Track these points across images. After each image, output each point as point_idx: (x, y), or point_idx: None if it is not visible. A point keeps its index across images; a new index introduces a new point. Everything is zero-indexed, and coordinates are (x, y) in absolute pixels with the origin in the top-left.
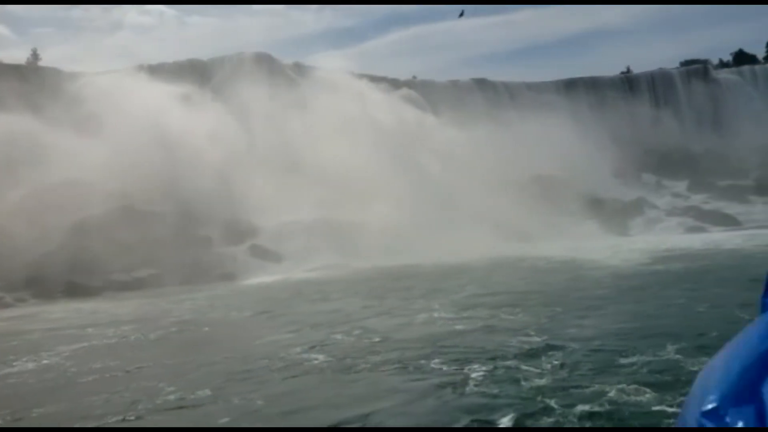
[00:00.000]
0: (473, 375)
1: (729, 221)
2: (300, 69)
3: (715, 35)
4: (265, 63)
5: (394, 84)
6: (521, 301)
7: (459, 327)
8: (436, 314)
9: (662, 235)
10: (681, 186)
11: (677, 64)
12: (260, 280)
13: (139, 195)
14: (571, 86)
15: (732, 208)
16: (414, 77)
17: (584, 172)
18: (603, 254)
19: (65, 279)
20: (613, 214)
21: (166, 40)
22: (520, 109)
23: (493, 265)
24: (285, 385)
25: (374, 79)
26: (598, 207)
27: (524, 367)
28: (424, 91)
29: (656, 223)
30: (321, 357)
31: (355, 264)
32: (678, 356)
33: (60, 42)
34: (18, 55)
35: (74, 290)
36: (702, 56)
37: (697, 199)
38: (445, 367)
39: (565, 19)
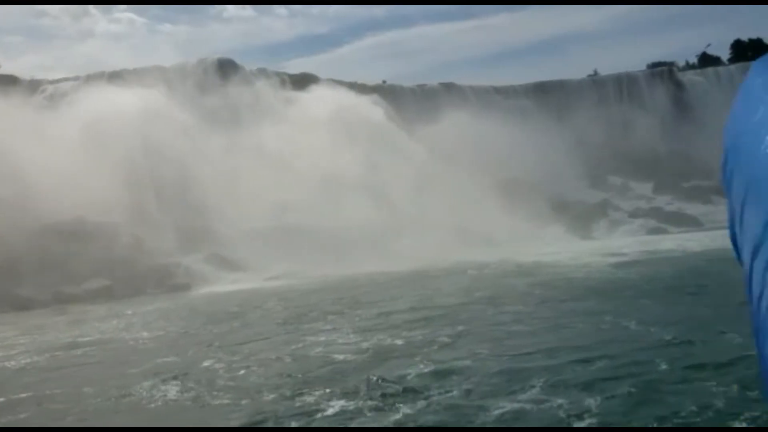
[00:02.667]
0: None
1: (691, 222)
2: (264, 74)
3: (681, 38)
4: (229, 69)
5: (363, 89)
6: (443, 317)
7: (343, 356)
8: (338, 337)
9: (623, 237)
10: (647, 187)
11: (644, 67)
12: (214, 290)
13: (92, 204)
14: (539, 89)
15: (695, 209)
16: (384, 82)
17: (551, 175)
18: (557, 258)
19: (12, 292)
20: (578, 217)
21: (137, 47)
22: (488, 113)
23: (448, 272)
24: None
25: (342, 84)
26: (563, 210)
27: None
28: (391, 96)
29: (619, 225)
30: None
31: (313, 272)
32: (539, 405)
33: (30, 51)
34: None
35: (20, 303)
36: (669, 59)
37: (661, 200)
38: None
39: (537, 22)
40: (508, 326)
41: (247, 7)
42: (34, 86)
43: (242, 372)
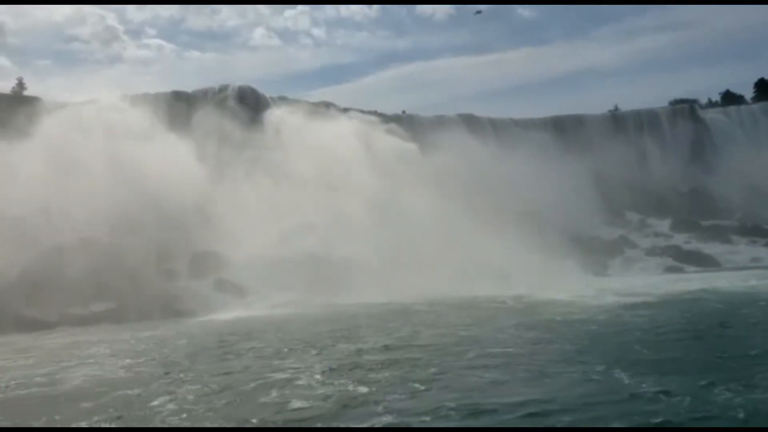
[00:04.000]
0: None
1: (709, 262)
2: (283, 102)
3: (704, 75)
4: (249, 96)
5: (381, 119)
6: (423, 358)
7: (300, 404)
8: (308, 378)
9: (638, 276)
10: (664, 225)
11: (666, 104)
12: (219, 317)
13: (103, 227)
14: (557, 123)
15: (713, 248)
16: (403, 112)
17: (567, 210)
18: (566, 296)
19: (18, 312)
20: (593, 253)
21: (164, 73)
22: (506, 146)
23: (450, 306)
24: None
25: (360, 113)
26: (579, 246)
27: None
28: (409, 126)
29: (635, 262)
30: None
31: (320, 301)
32: None
33: (59, 74)
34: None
35: (24, 324)
36: (692, 96)
37: (679, 238)
38: None
39: (558, 58)
40: (486, 373)
41: (274, 36)
42: (57, 108)
43: (183, 416)
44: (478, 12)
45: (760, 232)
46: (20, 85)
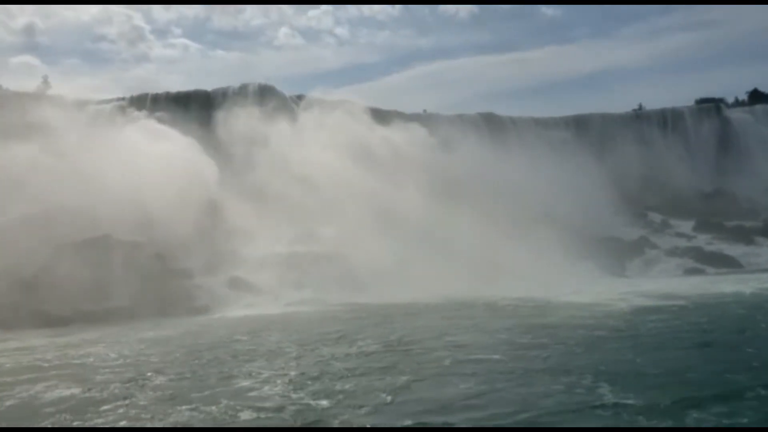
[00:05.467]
0: None
1: (731, 263)
2: (302, 101)
3: (732, 75)
4: (269, 94)
5: (402, 117)
6: (402, 363)
7: (252, 415)
8: (275, 385)
9: (658, 277)
10: (687, 226)
11: (692, 103)
12: (231, 314)
13: (119, 224)
14: (580, 122)
15: (736, 249)
16: (424, 111)
17: (588, 210)
18: (578, 298)
19: (35, 307)
20: (612, 253)
21: (190, 73)
22: (527, 144)
23: (457, 306)
24: None
25: (381, 112)
26: (598, 246)
27: None
28: (430, 125)
29: (655, 263)
30: None
31: (332, 299)
32: None
33: (86, 72)
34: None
35: (40, 319)
36: (719, 95)
37: (701, 239)
38: None
39: (582, 57)
40: (462, 382)
41: (297, 35)
42: (80, 106)
43: (122, 423)
44: None
45: None
46: (45, 83)
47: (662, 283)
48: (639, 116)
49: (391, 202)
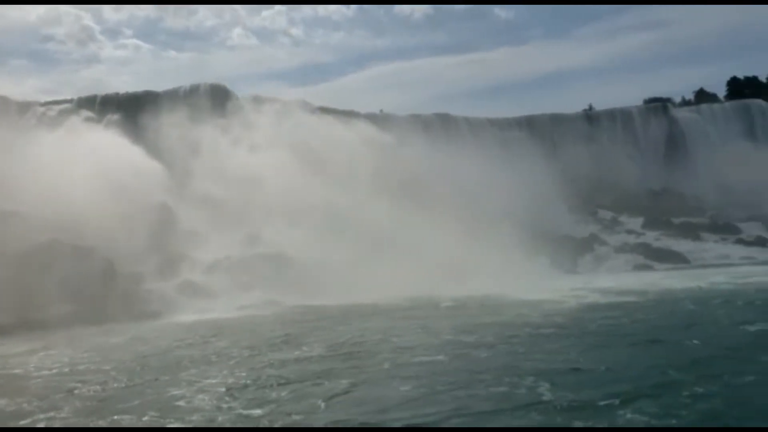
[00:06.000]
0: None
1: (677, 259)
2: (255, 101)
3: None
4: (221, 95)
5: (358, 117)
6: (341, 366)
7: None
8: (209, 395)
9: (607, 273)
10: (636, 223)
11: (641, 103)
12: (185, 319)
13: (66, 230)
14: (533, 122)
15: (683, 245)
16: (381, 111)
17: (540, 208)
18: (529, 295)
19: None
20: (564, 251)
21: (142, 73)
22: (482, 145)
23: (407, 307)
24: None
25: (335, 112)
26: (551, 243)
27: None
28: (386, 124)
29: (605, 260)
30: None
31: (286, 302)
32: None
33: (34, 74)
34: None
35: None
36: (667, 95)
37: (649, 236)
38: None
39: (537, 57)
40: (403, 385)
41: (251, 35)
42: (24, 108)
43: None
44: None
45: (730, 229)
46: None
47: (611, 279)
48: (589, 116)
49: (345, 203)
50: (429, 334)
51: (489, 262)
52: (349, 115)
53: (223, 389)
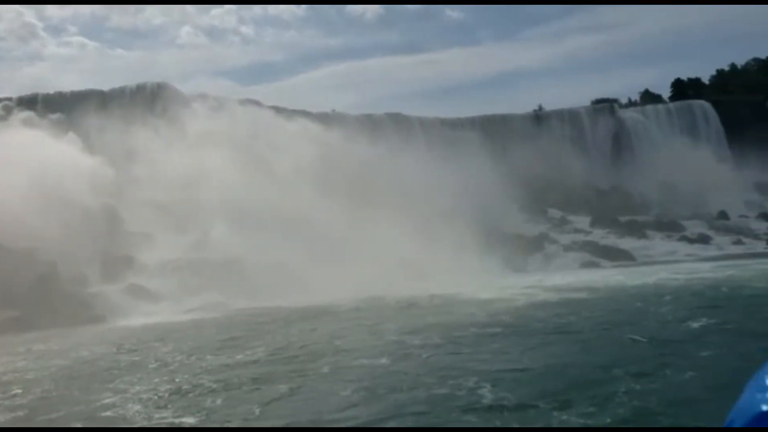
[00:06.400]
0: None
1: (624, 256)
2: (202, 100)
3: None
4: (168, 94)
5: (309, 117)
6: (276, 373)
7: None
8: (138, 404)
9: (556, 271)
10: (585, 221)
11: (589, 103)
12: (131, 323)
13: (7, 232)
14: (484, 123)
15: (629, 243)
16: (333, 110)
17: (492, 208)
18: (478, 294)
19: None
20: (515, 249)
21: (89, 72)
22: (434, 144)
23: (359, 308)
24: None
25: (286, 111)
26: (502, 243)
27: None
28: (337, 124)
29: (554, 258)
30: None
31: (233, 304)
32: None
33: None
34: None
35: None
36: (613, 96)
37: (597, 234)
38: None
39: (488, 58)
40: (344, 388)
41: (201, 34)
42: None
43: None
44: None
45: (675, 227)
46: None
47: (560, 277)
48: (539, 116)
49: (294, 203)
50: (375, 335)
51: (441, 262)
52: (299, 114)
53: (156, 397)
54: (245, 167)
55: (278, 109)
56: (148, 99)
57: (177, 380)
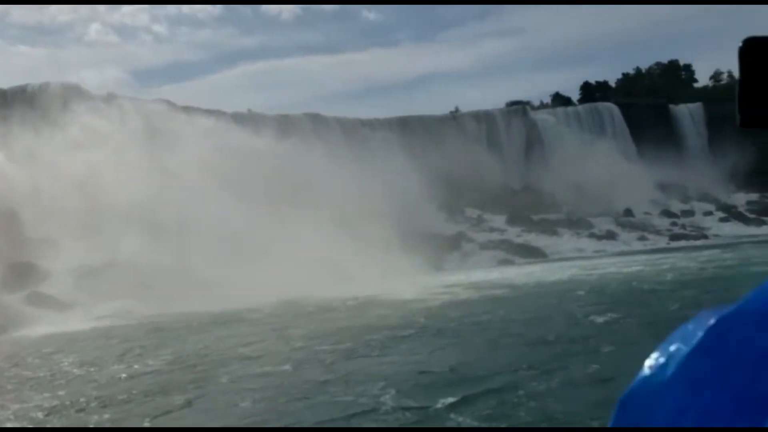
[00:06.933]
0: None
1: (537, 254)
2: (111, 101)
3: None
4: (73, 94)
5: (222, 117)
6: (169, 384)
7: None
8: (22, 421)
9: (472, 269)
10: (500, 220)
11: (503, 105)
12: (31, 333)
13: None
14: (403, 124)
15: (541, 240)
16: (249, 110)
17: (410, 208)
18: (396, 295)
19: None
20: (434, 248)
21: None
22: (354, 145)
23: (272, 313)
24: None
25: (199, 111)
26: (421, 242)
27: None
28: (252, 125)
29: (471, 256)
30: None
31: (145, 311)
32: None
33: None
34: None
35: None
36: (527, 98)
37: (512, 232)
38: None
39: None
40: (243, 399)
41: (111, 32)
42: None
43: None
44: None
45: (584, 224)
46: None
47: (476, 276)
48: (455, 118)
49: (209, 206)
50: (283, 341)
51: (362, 262)
52: (213, 114)
53: (41, 414)
54: (155, 169)
55: (191, 109)
56: (52, 98)
57: (63, 395)
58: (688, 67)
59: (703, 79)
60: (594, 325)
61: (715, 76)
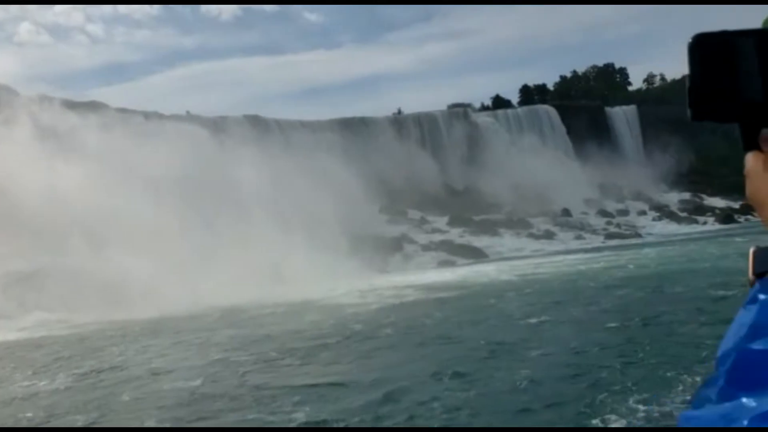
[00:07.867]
0: None
1: (477, 254)
2: (42, 103)
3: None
4: (3, 95)
5: (160, 119)
6: (82, 400)
7: None
8: None
9: (414, 271)
10: (442, 221)
11: (446, 108)
12: None
13: None
14: (345, 125)
15: (482, 241)
16: (187, 112)
17: (352, 211)
18: (337, 299)
19: None
20: (376, 250)
21: None
22: (294, 147)
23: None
24: None
25: (136, 113)
26: (363, 244)
27: None
28: (191, 127)
29: (413, 258)
30: None
31: (76, 319)
32: None
33: None
34: None
35: None
36: (468, 101)
37: (453, 233)
38: None
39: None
40: (149, 418)
41: (43, 31)
42: None
43: None
44: None
45: (523, 224)
46: None
47: (417, 277)
48: (398, 120)
49: (146, 212)
50: (201, 352)
51: (303, 265)
52: (151, 117)
53: None
54: (91, 175)
55: (126, 112)
56: None
57: None
58: (622, 71)
59: (637, 82)
60: (528, 326)
61: (649, 79)
